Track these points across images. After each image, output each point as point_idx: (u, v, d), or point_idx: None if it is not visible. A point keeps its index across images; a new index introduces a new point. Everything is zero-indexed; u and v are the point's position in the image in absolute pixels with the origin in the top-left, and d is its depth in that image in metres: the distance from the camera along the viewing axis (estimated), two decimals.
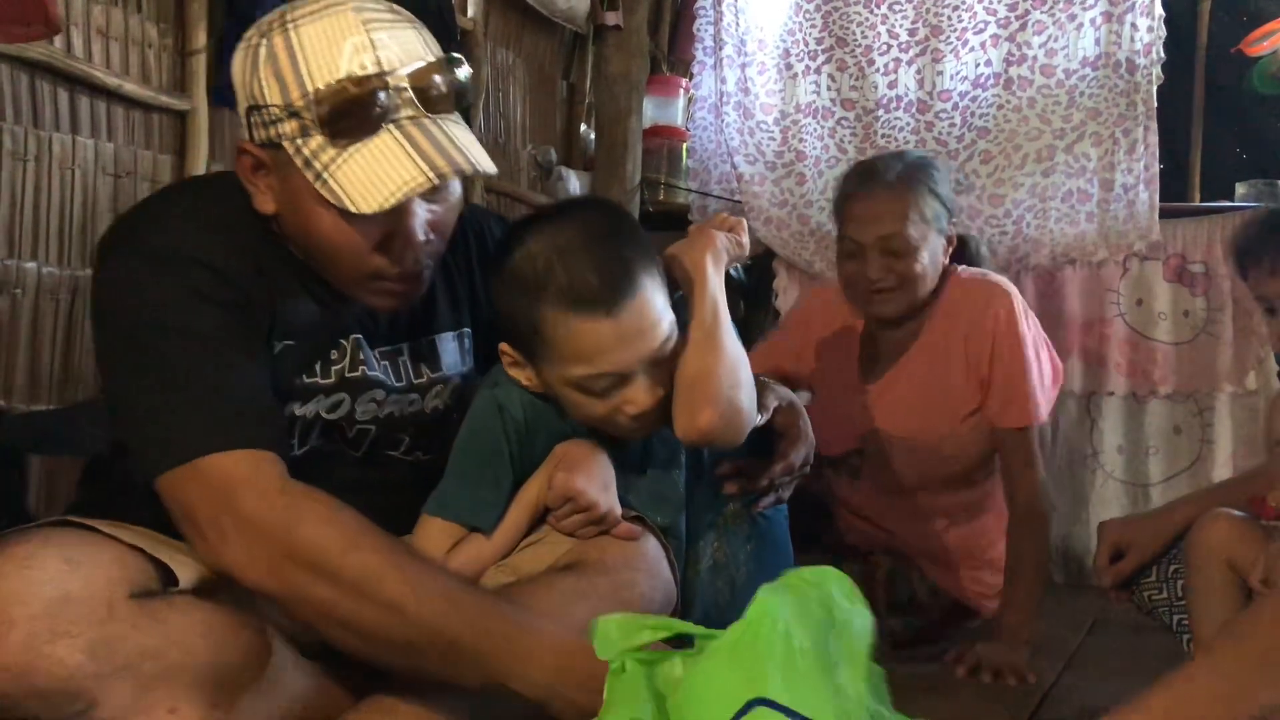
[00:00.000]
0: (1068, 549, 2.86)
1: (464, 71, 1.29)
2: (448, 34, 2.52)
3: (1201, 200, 3.14)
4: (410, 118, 1.23)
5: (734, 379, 1.43)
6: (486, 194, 2.83)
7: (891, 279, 2.06)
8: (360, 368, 1.40)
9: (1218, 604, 1.54)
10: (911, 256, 2.05)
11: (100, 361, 1.31)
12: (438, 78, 1.25)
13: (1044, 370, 2.10)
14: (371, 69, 1.21)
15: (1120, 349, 2.84)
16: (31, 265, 1.81)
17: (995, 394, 2.08)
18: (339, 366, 1.39)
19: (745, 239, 1.55)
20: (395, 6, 1.30)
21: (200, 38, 2.07)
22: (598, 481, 1.40)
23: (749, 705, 0.90)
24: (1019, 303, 2.09)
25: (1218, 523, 1.57)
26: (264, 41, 1.24)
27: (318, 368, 1.37)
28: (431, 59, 1.26)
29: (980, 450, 2.12)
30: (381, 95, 1.21)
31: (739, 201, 3.11)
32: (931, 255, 2.08)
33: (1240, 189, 3.01)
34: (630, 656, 0.98)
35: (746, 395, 1.45)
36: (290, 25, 1.23)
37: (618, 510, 1.41)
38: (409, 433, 1.47)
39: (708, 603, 1.58)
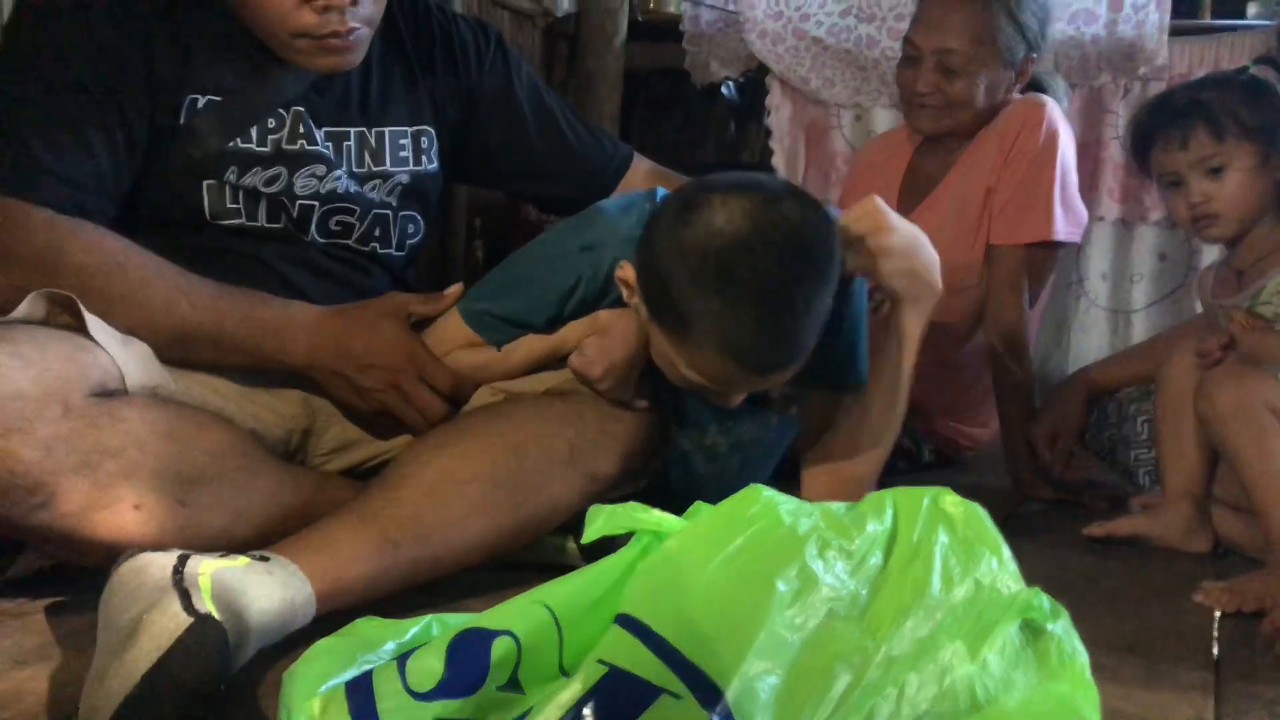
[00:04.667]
0: (1044, 377, 2.87)
1: None
2: None
3: (1212, 19, 3.02)
4: None
5: (882, 459, 1.46)
6: None
7: (938, 97, 1.98)
8: (300, 141, 1.42)
9: (1187, 439, 1.59)
10: (966, 80, 1.96)
11: None
12: None
13: (1070, 195, 2.00)
14: None
15: (1114, 173, 2.76)
16: None
17: (998, 200, 1.98)
18: (276, 136, 1.40)
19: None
20: None
21: None
22: (622, 372, 1.34)
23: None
24: (1055, 114, 1.98)
25: (1184, 359, 1.61)
26: None
27: (253, 134, 1.39)
28: None
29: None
30: None
31: (733, 12, 2.99)
32: (990, 85, 1.98)
33: (1252, 8, 2.91)
34: None
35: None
36: None
37: (629, 399, 1.36)
38: (358, 217, 1.47)
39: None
